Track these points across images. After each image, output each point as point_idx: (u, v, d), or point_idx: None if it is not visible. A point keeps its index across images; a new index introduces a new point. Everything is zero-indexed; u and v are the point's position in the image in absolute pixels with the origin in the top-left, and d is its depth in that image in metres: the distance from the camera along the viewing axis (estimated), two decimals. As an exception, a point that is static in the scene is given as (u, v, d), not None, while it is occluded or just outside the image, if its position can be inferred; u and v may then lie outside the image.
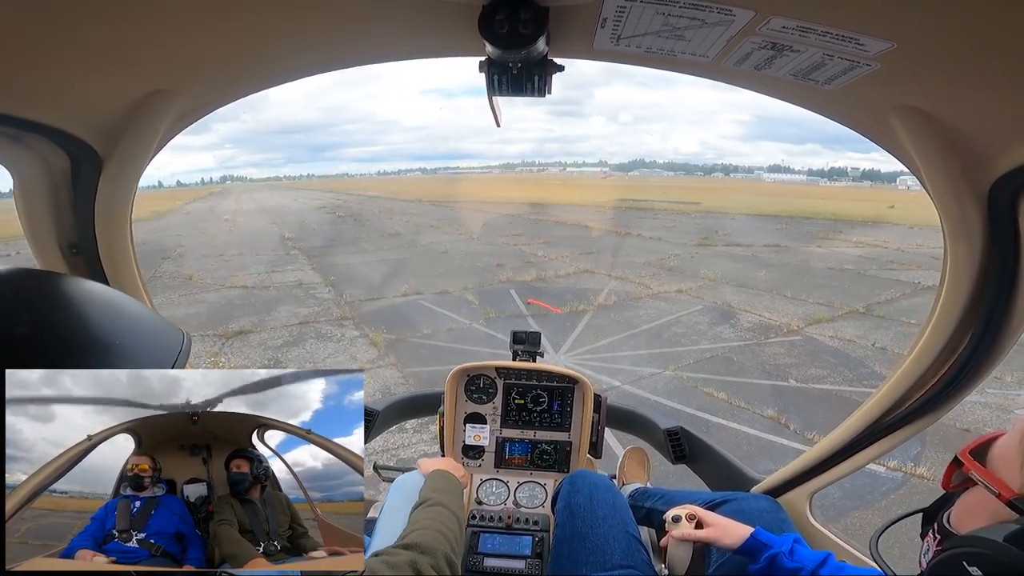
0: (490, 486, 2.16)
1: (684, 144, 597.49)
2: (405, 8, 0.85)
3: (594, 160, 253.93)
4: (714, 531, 1.40)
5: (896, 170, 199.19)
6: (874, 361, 7.65)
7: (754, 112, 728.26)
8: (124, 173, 1.20)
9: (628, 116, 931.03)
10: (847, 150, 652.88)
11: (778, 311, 10.26)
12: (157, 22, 0.81)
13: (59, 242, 1.29)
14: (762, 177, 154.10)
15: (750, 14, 0.73)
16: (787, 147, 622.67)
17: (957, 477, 0.95)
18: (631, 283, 12.44)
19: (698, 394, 6.44)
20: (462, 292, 11.50)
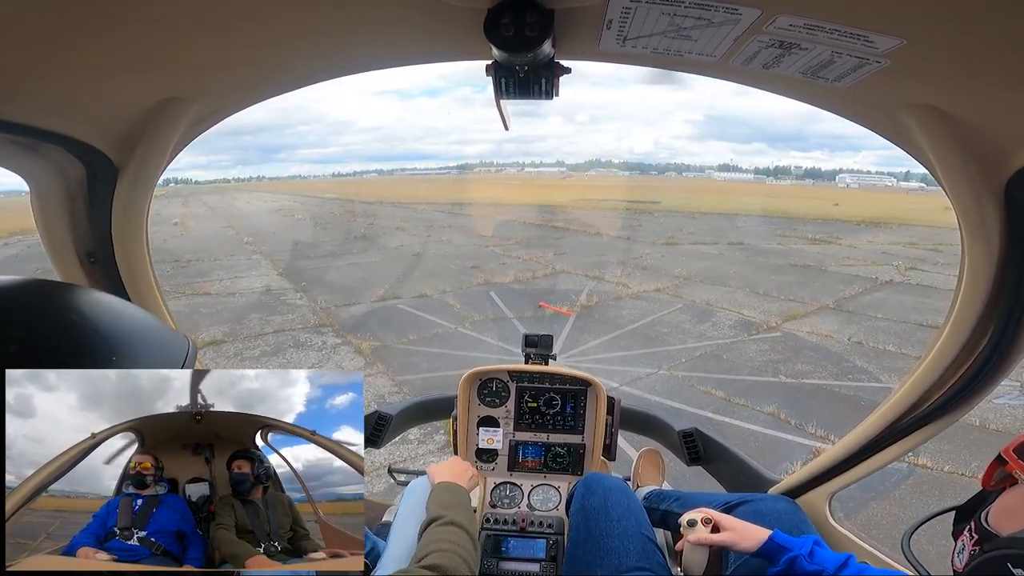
0: (504, 489, 2.16)
1: (638, 144, 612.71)
2: (411, 13, 0.85)
3: (551, 160, 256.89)
4: (731, 535, 1.36)
5: (835, 168, 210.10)
6: (853, 355, 7.95)
7: (705, 112, 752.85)
8: (140, 181, 1.21)
9: (585, 116, 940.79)
10: (790, 149, 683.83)
11: (754, 308, 10.54)
12: (169, 30, 0.82)
13: (76, 250, 1.30)
14: (713, 176, 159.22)
15: (756, 13, 0.72)
16: (735, 146, 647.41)
17: (999, 475, 0.92)
18: (609, 283, 12.52)
19: (696, 393, 6.51)
20: (441, 296, 11.28)
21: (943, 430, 1.40)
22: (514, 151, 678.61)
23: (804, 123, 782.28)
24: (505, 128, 1.21)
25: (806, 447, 5.18)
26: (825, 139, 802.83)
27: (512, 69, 0.92)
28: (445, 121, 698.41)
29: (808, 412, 5.93)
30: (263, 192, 73.49)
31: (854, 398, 6.44)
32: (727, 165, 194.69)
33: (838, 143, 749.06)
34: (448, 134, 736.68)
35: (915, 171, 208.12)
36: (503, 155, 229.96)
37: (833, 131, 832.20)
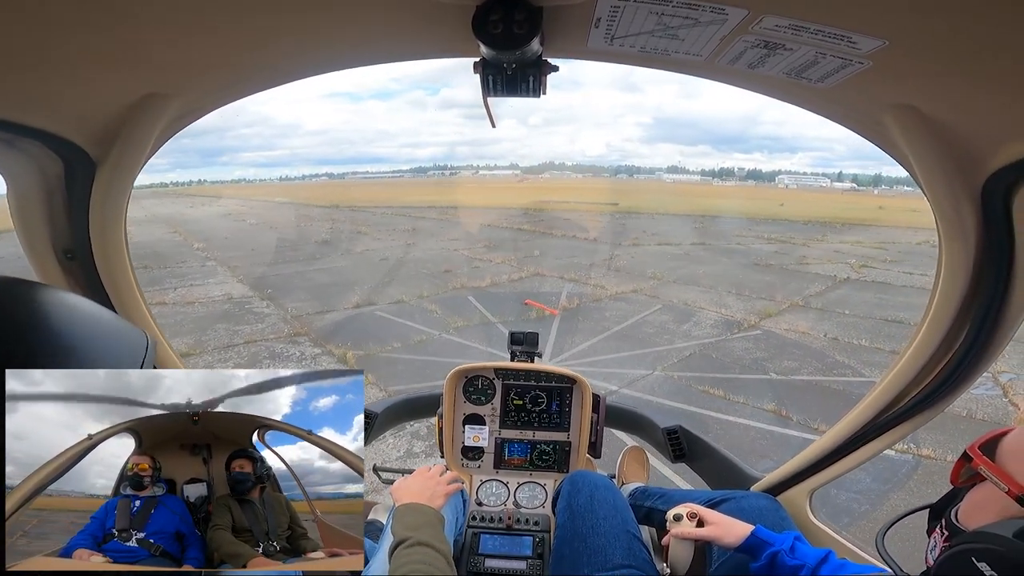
0: (490, 487, 2.15)
1: (591, 146, 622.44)
2: (398, 10, 0.85)
3: (505, 163, 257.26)
4: (715, 529, 1.39)
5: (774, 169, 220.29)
6: (832, 351, 8.22)
7: (654, 114, 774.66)
8: (118, 177, 1.20)
9: (538, 119, 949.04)
10: (733, 151, 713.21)
11: (730, 307, 10.77)
12: (149, 26, 0.81)
13: (54, 247, 1.28)
14: (662, 177, 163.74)
15: (743, 13, 0.73)
16: (682, 148, 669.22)
17: (966, 472, 0.94)
18: (587, 285, 12.54)
19: (695, 393, 6.53)
20: (419, 301, 10.97)
21: (921, 426, 1.42)
22: (468, 154, 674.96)
23: (746, 125, 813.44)
24: (492, 125, 1.18)
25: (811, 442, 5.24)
26: (765, 141, 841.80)
27: (500, 67, 0.92)
28: (396, 124, 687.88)
29: (806, 408, 6.05)
30: (206, 196, 70.14)
31: (844, 392, 6.63)
32: (675, 167, 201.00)
33: (777, 145, 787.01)
34: (399, 137, 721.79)
35: (847, 172, 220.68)
36: (457, 158, 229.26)
37: (771, 133, 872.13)
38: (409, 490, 1.41)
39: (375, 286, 12.26)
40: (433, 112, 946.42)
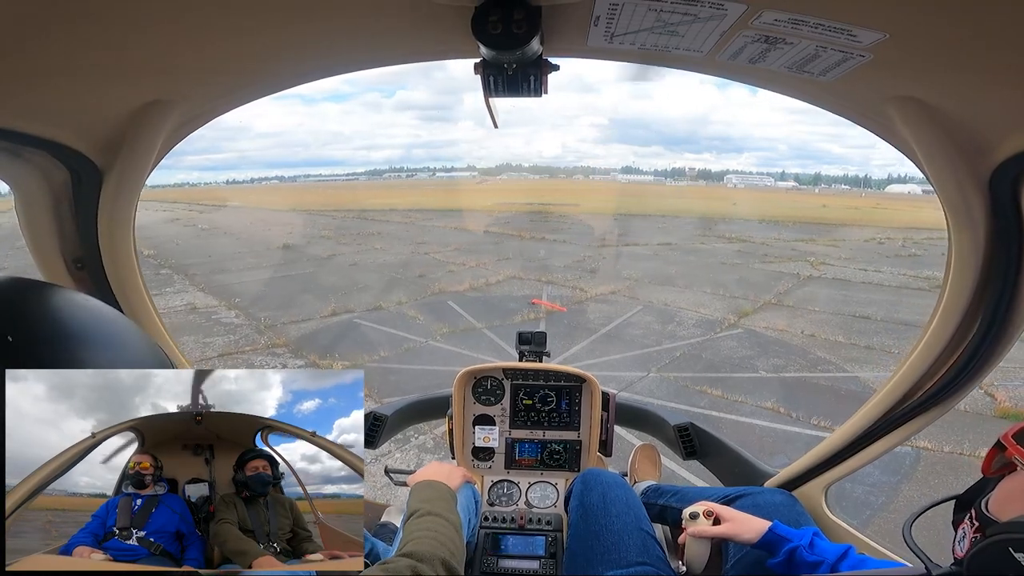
0: (501, 487, 2.16)
1: (547, 148, 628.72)
2: (398, 12, 0.86)
3: (463, 165, 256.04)
4: (732, 526, 1.38)
5: (723, 169, 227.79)
6: (813, 348, 8.51)
7: (608, 115, 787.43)
8: (125, 185, 1.20)
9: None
10: (684, 151, 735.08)
11: (708, 306, 11.01)
12: (151, 34, 0.82)
13: (64, 256, 1.29)
14: (617, 178, 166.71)
15: (742, 8, 0.74)
16: (636, 149, 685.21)
17: (999, 461, 0.93)
18: (565, 287, 12.55)
19: (694, 393, 6.60)
20: (398, 307, 10.70)
21: (936, 420, 1.41)
22: (424, 156, 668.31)
23: (696, 126, 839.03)
24: (495, 126, 1.20)
25: (817, 439, 5.38)
26: (714, 142, 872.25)
27: (500, 67, 0.92)
28: (351, 126, 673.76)
29: (803, 404, 6.22)
30: (148, 201, 66.58)
31: (832, 388, 6.87)
32: (630, 167, 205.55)
33: (725, 145, 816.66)
34: (354, 139, 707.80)
35: (789, 171, 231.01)
36: (413, 160, 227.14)
37: (720, 134, 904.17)
38: (426, 471, 1.47)
39: (349, 292, 11.86)
40: (389, 114, 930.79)
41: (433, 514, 1.16)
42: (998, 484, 0.93)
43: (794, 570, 1.26)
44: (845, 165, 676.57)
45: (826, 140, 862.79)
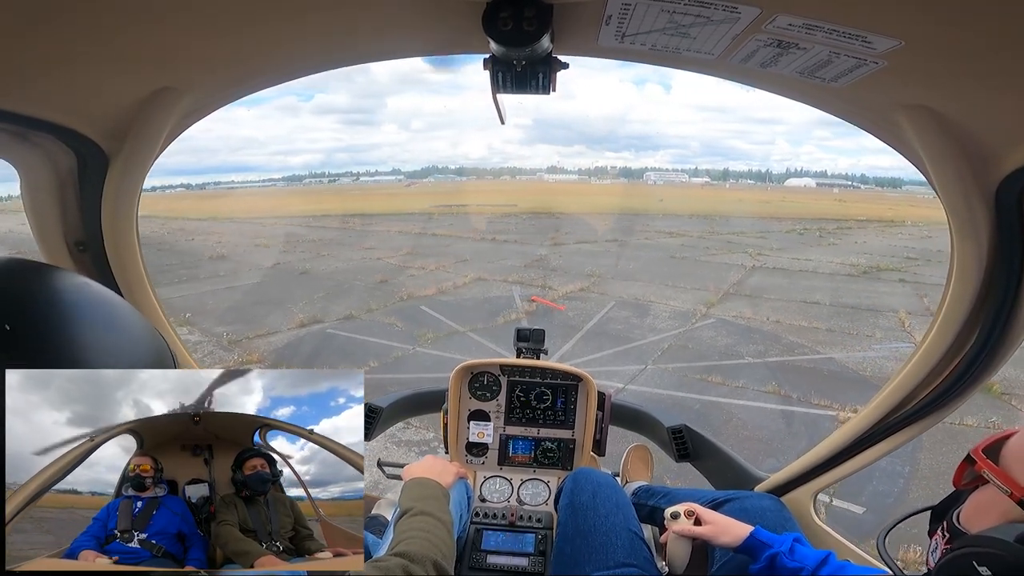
0: (494, 483, 2.16)
1: (473, 149, 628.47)
2: (408, 7, 0.86)
3: (387, 168, 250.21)
4: (712, 528, 1.41)
5: (642, 167, 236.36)
6: (783, 333, 9.11)
7: (533, 116, 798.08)
8: (130, 171, 1.20)
9: (420, 123, 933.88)
10: (605, 150, 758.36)
11: (676, 299, 11.45)
12: (161, 22, 0.82)
13: (66, 240, 1.30)
14: (543, 178, 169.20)
15: (756, 11, 0.74)
16: (560, 149, 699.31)
17: (969, 475, 0.95)
18: (534, 287, 12.59)
19: (695, 382, 6.84)
20: (371, 315, 10.29)
21: (929, 429, 1.42)
22: (347, 160, 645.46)
23: (615, 125, 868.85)
24: (501, 122, 1.19)
25: (827, 416, 5.82)
26: (632, 140, 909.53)
27: (510, 63, 0.92)
28: (266, 131, 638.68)
29: (796, 385, 6.62)
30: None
31: (815, 369, 7.36)
32: (555, 167, 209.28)
33: (643, 143, 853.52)
34: (270, 145, 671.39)
35: (701, 167, 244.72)
36: (335, 165, 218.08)
37: (638, 132, 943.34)
38: (419, 467, 1.45)
39: (311, 302, 11.25)
40: (308, 118, 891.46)
41: (425, 514, 1.16)
42: (969, 497, 0.95)
43: (775, 575, 1.27)
44: (749, 161, 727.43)
45: (733, 137, 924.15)
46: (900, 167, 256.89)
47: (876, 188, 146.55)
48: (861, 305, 11.11)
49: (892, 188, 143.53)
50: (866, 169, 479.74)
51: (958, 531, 0.93)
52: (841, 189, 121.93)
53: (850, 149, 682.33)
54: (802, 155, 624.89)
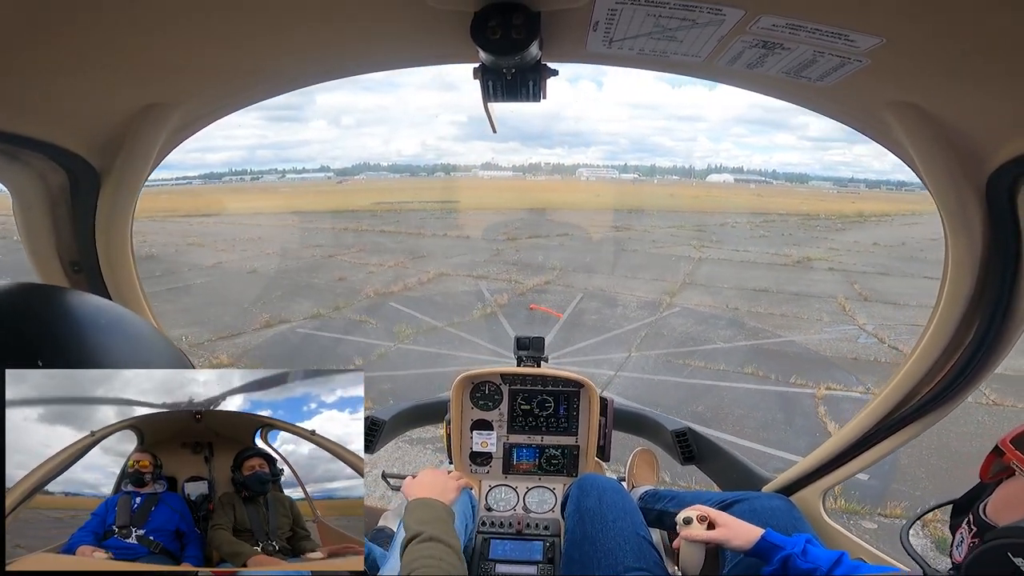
0: (499, 492, 2.17)
1: (406, 146, 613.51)
2: (397, 18, 0.87)
3: (315, 166, 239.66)
4: (725, 532, 1.39)
5: (574, 163, 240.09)
6: (744, 319, 9.73)
7: (468, 113, 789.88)
8: (123, 188, 1.20)
9: (351, 120, 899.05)
10: (538, 147, 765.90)
11: (639, 289, 11.89)
12: (150, 37, 0.83)
13: (60, 259, 1.29)
14: (479, 175, 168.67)
15: (740, 13, 0.75)
16: (494, 145, 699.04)
17: (996, 466, 0.93)
18: (500, 281, 12.63)
19: (679, 366, 7.19)
20: (338, 313, 9.98)
21: (932, 425, 1.42)
22: (271, 158, 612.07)
23: (549, 122, 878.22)
24: (493, 131, 1.21)
25: (806, 394, 6.30)
26: (565, 137, 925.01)
27: (499, 72, 0.93)
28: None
29: (771, 367, 7.10)
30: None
31: (781, 351, 7.93)
32: (490, 164, 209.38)
33: (575, 140, 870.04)
34: (186, 142, 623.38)
35: (630, 164, 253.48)
36: (257, 162, 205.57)
37: (571, 129, 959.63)
38: (420, 485, 1.40)
39: (270, 301, 10.73)
40: (233, 116, 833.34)
41: (435, 540, 1.14)
42: (996, 489, 0.94)
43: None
44: (674, 157, 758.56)
45: (659, 134, 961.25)
46: (806, 164, 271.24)
47: (786, 183, 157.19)
48: (803, 292, 12.03)
49: (800, 184, 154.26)
50: (777, 165, 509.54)
51: (986, 524, 0.90)
52: (757, 184, 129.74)
53: (763, 146, 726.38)
54: (721, 152, 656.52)
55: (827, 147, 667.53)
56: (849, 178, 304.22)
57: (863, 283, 13.14)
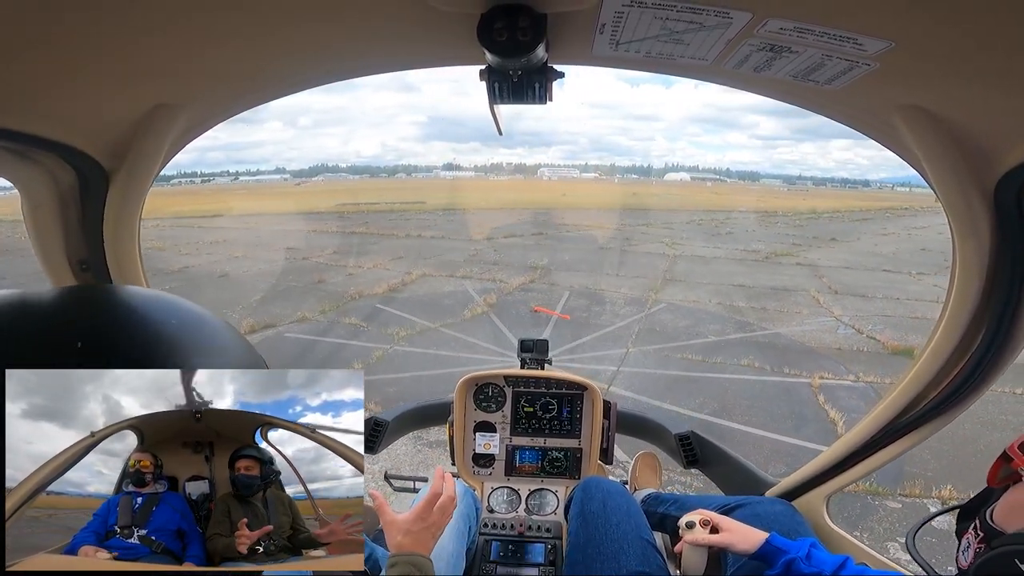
0: (501, 494, 2.18)
1: (365, 147, 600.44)
2: (404, 19, 0.87)
3: (271, 167, 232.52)
4: (728, 536, 1.39)
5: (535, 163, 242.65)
6: (729, 313, 10.06)
7: (428, 113, 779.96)
8: (131, 188, 1.22)
9: (308, 120, 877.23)
10: (499, 146, 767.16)
11: (624, 286, 12.09)
12: (160, 38, 0.84)
13: (69, 258, 1.29)
14: (440, 175, 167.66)
15: (747, 16, 0.75)
16: (455, 146, 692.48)
17: (1004, 472, 0.92)
18: (485, 281, 12.60)
19: (678, 360, 7.35)
20: (325, 316, 9.74)
21: (940, 429, 1.41)
22: (223, 159, 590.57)
23: (510, 122, 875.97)
24: (499, 133, 1.22)
25: (803, 383, 6.56)
26: (526, 137, 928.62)
27: (506, 74, 0.93)
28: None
29: (764, 358, 7.35)
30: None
31: (769, 343, 8.22)
32: (451, 164, 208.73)
33: (536, 140, 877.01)
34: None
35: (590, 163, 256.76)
36: (208, 164, 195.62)
37: (531, 129, 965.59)
38: (401, 530, 1.29)
39: (247, 307, 10.38)
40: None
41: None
42: (1003, 495, 0.93)
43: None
44: (632, 156, 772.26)
45: (617, 133, 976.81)
46: (756, 162, 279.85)
47: (739, 181, 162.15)
48: (777, 286, 12.50)
49: (752, 181, 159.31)
50: (730, 164, 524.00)
51: (993, 530, 0.90)
52: (712, 182, 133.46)
53: (717, 145, 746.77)
54: (677, 151, 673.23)
55: (776, 145, 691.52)
56: (797, 175, 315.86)
57: (830, 277, 13.76)
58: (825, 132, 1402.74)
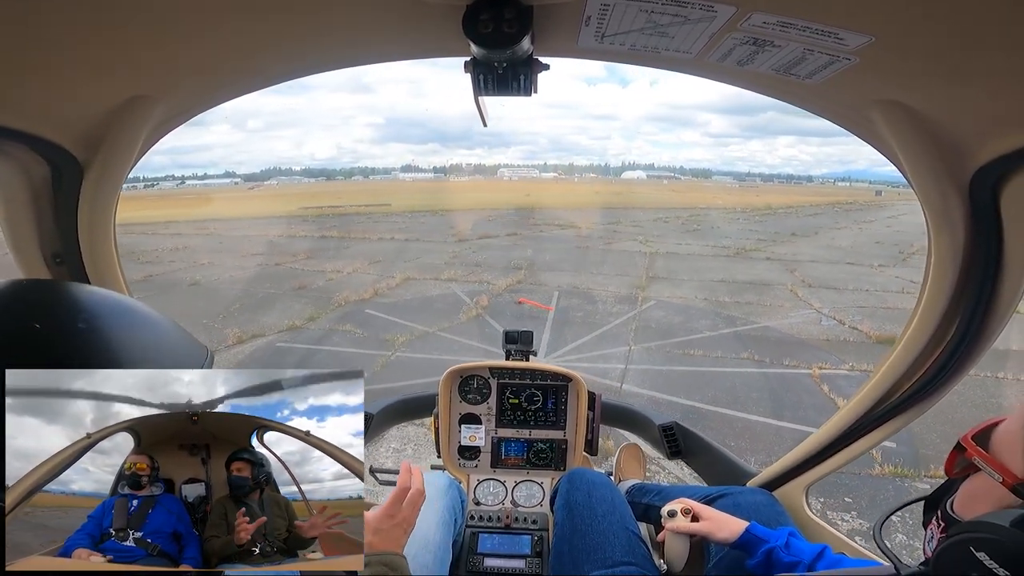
0: (487, 486, 2.19)
1: (320, 149, 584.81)
2: (387, 10, 0.87)
3: (219, 171, 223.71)
4: (708, 524, 1.43)
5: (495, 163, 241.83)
6: (716, 308, 10.33)
7: (385, 115, 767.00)
8: (106, 180, 1.21)
9: (258, 123, 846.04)
10: (458, 147, 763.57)
11: (611, 284, 12.26)
12: (135, 28, 0.83)
13: (43, 252, 1.28)
14: (399, 177, 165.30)
15: (731, 10, 0.75)
16: (413, 147, 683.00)
17: (960, 463, 0.94)
18: (471, 283, 12.52)
19: (680, 356, 7.54)
20: (314, 323, 9.47)
21: (914, 419, 1.44)
22: (167, 163, 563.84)
23: (469, 123, 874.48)
24: (484, 125, 1.21)
25: (803, 374, 6.82)
26: (485, 137, 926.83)
27: (491, 66, 0.93)
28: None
29: (760, 351, 7.60)
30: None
31: (763, 336, 8.51)
32: (409, 166, 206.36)
33: (495, 140, 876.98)
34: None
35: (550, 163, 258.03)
36: (150, 168, 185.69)
37: (491, 129, 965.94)
38: (368, 528, 1.23)
39: (230, 315, 9.97)
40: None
41: None
42: (961, 485, 0.95)
43: (772, 570, 1.30)
44: (590, 156, 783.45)
45: (575, 133, 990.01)
46: (708, 159, 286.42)
47: (693, 178, 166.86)
48: (754, 280, 12.94)
49: (704, 178, 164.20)
50: (684, 161, 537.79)
51: (953, 519, 0.93)
52: (668, 180, 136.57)
53: (671, 143, 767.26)
54: (634, 149, 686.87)
55: (726, 143, 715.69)
56: (747, 172, 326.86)
57: (801, 271, 14.35)
58: (772, 129, 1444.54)
